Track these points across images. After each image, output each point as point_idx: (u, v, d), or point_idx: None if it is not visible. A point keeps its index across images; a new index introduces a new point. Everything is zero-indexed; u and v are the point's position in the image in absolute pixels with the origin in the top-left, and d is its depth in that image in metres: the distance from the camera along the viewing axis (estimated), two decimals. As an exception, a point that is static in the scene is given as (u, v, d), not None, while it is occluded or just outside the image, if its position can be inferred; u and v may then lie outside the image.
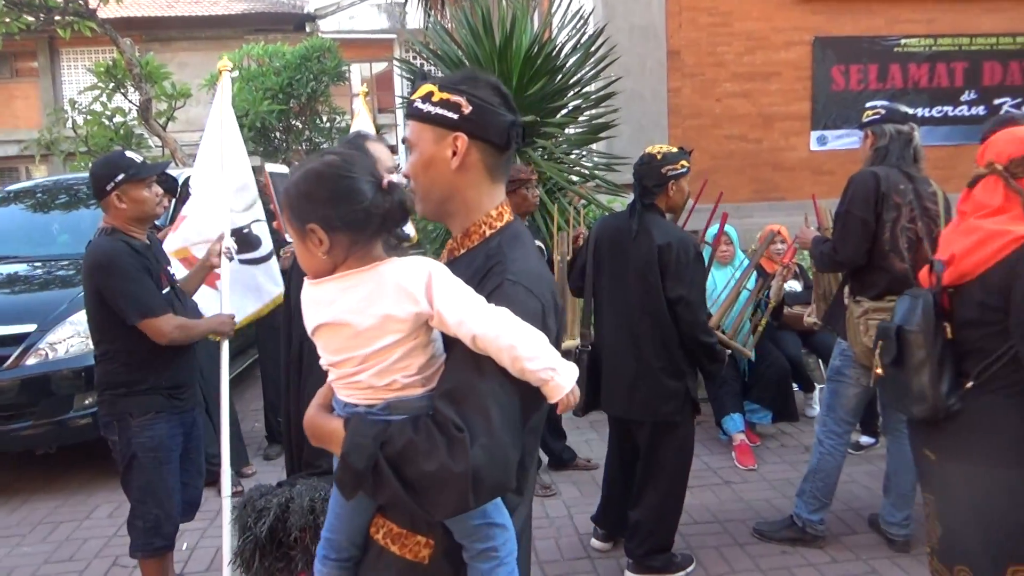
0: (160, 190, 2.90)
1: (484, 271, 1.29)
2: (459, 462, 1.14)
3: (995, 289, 1.87)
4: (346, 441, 1.21)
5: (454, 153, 1.31)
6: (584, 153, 6.14)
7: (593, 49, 5.64)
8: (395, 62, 6.60)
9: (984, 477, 1.90)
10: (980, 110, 7.12)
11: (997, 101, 7.15)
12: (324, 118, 12.87)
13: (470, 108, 1.29)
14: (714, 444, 4.59)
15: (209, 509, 3.54)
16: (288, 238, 3.96)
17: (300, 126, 12.68)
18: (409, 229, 4.11)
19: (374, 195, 1.22)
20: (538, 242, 4.00)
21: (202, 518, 3.43)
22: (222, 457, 3.00)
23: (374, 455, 1.17)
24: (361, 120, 3.80)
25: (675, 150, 3.08)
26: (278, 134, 12.45)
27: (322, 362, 1.32)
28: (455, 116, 1.29)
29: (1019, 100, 7.15)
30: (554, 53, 5.58)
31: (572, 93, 5.80)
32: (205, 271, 3.03)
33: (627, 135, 6.40)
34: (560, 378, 1.22)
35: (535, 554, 3.36)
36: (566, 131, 5.91)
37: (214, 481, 4.01)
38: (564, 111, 5.82)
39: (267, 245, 3.45)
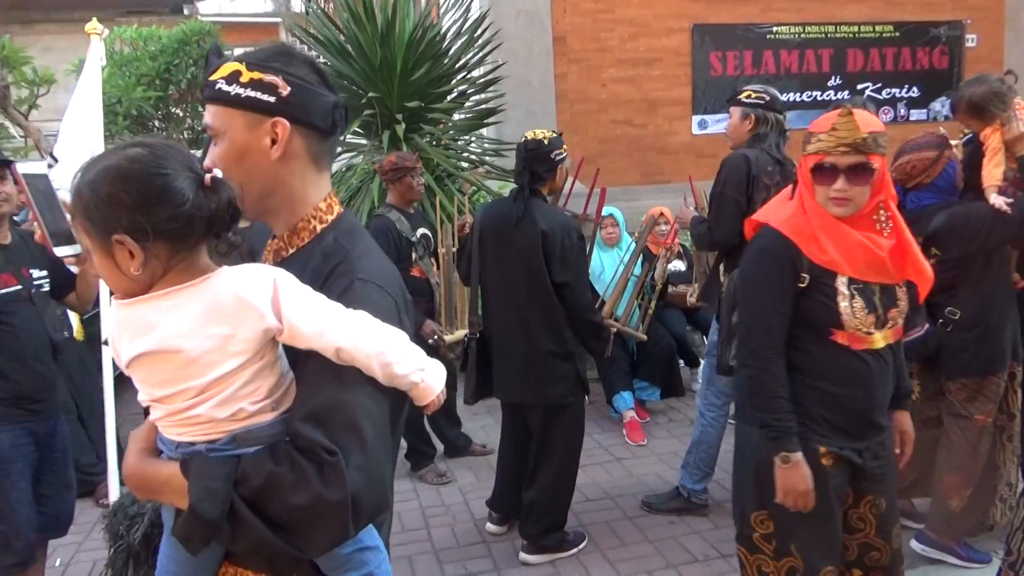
0: (11, 186, 2.67)
1: (326, 272, 1.15)
2: (336, 489, 1.01)
3: None
4: (192, 489, 1.02)
5: (274, 141, 1.15)
6: (472, 139, 6.13)
7: (478, 34, 5.63)
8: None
9: (738, 433, 2.08)
10: (845, 94, 7.55)
11: (860, 86, 7.61)
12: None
13: (288, 89, 1.14)
14: (605, 422, 4.70)
15: (85, 521, 3.35)
16: None
17: (181, 114, 12.08)
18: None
19: (195, 194, 1.03)
20: (425, 230, 3.98)
21: (77, 531, 3.23)
22: (109, 464, 2.83)
23: (228, 498, 1.01)
24: (97, 67, 3.56)
25: (554, 134, 3.12)
26: (157, 123, 11.83)
27: (141, 398, 1.12)
28: (272, 99, 1.14)
29: (879, 85, 7.63)
30: (438, 38, 5.53)
31: (458, 78, 5.77)
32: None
33: (516, 120, 6.43)
34: (430, 378, 1.14)
35: (431, 543, 3.36)
36: (453, 117, 5.87)
37: (90, 492, 3.81)
38: (450, 97, 5.78)
39: None
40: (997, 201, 2.56)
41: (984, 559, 2.88)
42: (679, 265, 5.10)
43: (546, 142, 3.06)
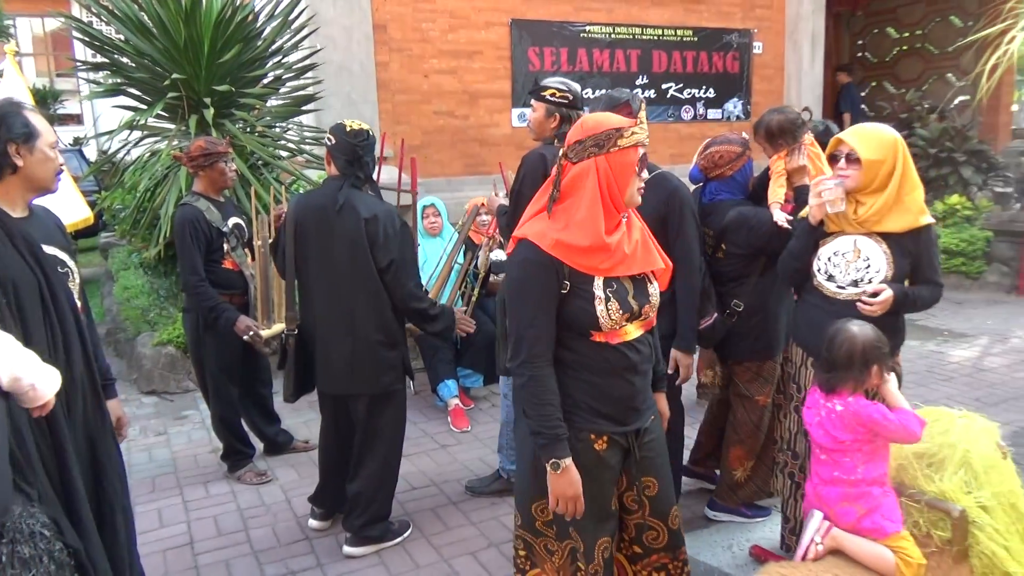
0: None
1: None
2: None
3: None
4: None
5: None
6: (290, 127, 5.92)
7: (293, 17, 5.43)
8: (69, 20, 5.78)
9: (516, 428, 2.13)
10: (651, 93, 8.08)
11: (664, 86, 8.16)
12: (-19, 80, 10.95)
13: None
14: (431, 411, 4.75)
15: None
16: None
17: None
18: (83, 207, 3.68)
19: None
20: (238, 220, 3.80)
21: None
22: None
23: None
24: (9, 83, 3.29)
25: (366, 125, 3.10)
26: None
27: None
28: None
29: (681, 85, 8.23)
30: (250, 18, 5.28)
31: (272, 63, 5.55)
32: None
33: (336, 108, 6.29)
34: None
35: (249, 545, 3.24)
36: (267, 103, 5.64)
37: None
38: (264, 81, 5.54)
39: None
40: (779, 217, 2.86)
41: (764, 513, 3.25)
42: (500, 254, 5.22)
43: (371, 132, 3.05)
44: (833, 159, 2.56)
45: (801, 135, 2.97)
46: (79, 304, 2.14)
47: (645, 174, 1.99)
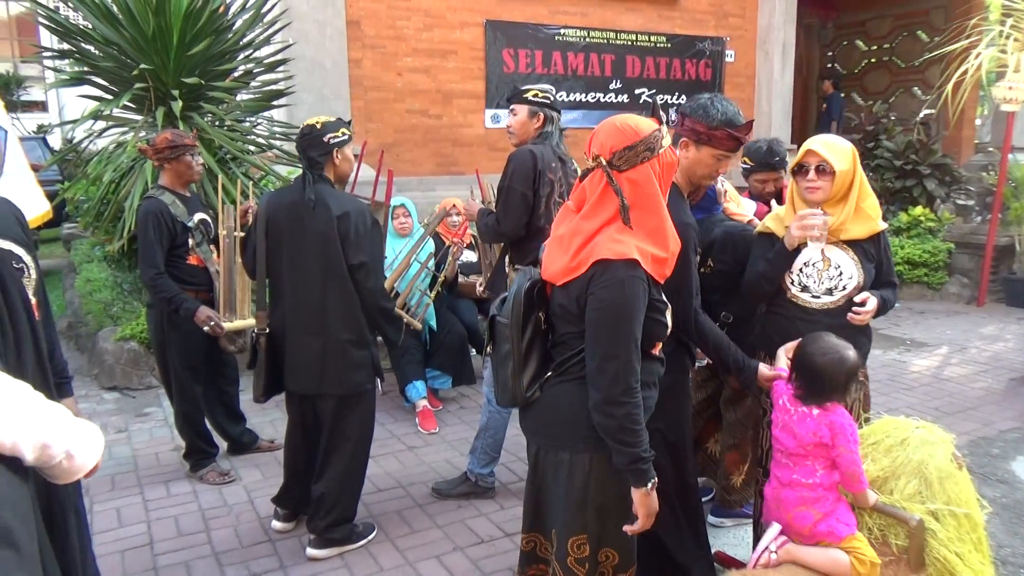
0: None
1: None
2: None
3: (571, 298, 1.89)
4: None
5: None
6: (260, 122, 5.84)
7: (265, 10, 5.37)
8: (34, 4, 5.64)
9: (551, 456, 1.98)
10: (624, 98, 8.13)
11: (637, 91, 8.21)
12: (-59, 64, 10.64)
13: None
14: (398, 412, 4.72)
15: None
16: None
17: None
18: (42, 201, 3.59)
19: None
20: (204, 215, 3.74)
21: None
22: None
23: None
24: None
25: (334, 119, 3.06)
26: None
27: None
28: None
29: (654, 91, 8.28)
30: (221, 9, 5.20)
31: (243, 56, 5.47)
32: None
33: (308, 104, 6.23)
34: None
35: (210, 546, 3.19)
36: (237, 97, 5.56)
37: None
38: (235, 75, 5.46)
39: None
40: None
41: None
42: (471, 256, 5.22)
43: (319, 126, 3.00)
44: (800, 170, 2.58)
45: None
46: (34, 300, 2.09)
47: None
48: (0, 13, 16.59)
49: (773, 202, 3.33)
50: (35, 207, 3.51)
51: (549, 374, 1.98)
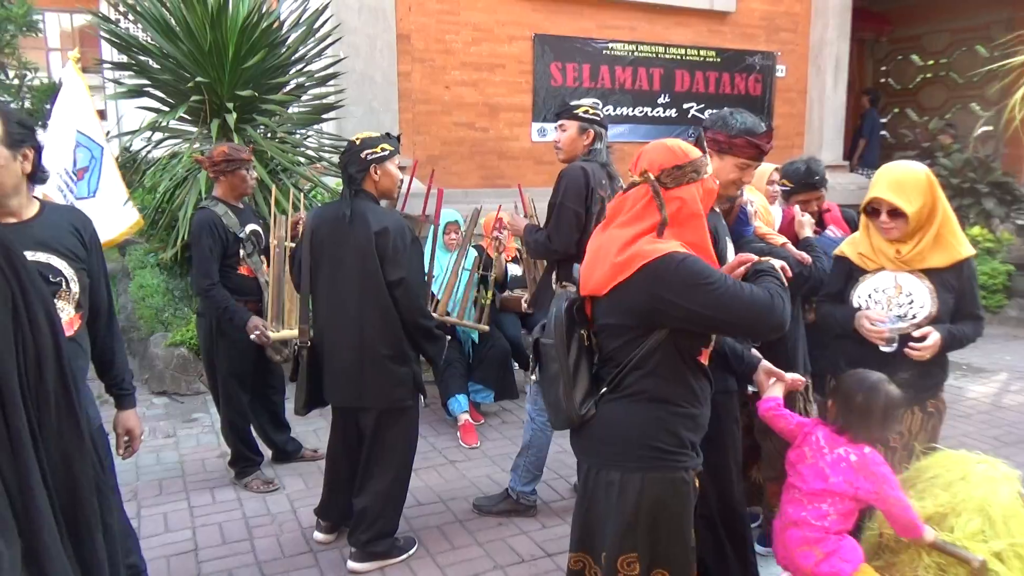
0: None
1: None
2: None
3: (623, 307, 1.90)
4: None
5: None
6: (311, 134, 5.94)
7: (318, 25, 5.45)
8: (96, 18, 5.82)
9: (604, 477, 1.97)
10: (672, 112, 8.06)
11: (685, 105, 8.14)
12: (12, 74, 11.03)
13: None
14: (440, 425, 4.72)
15: None
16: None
17: (-14, 75, 10.74)
18: (132, 213, 3.67)
19: None
20: (255, 227, 3.80)
21: None
22: None
23: None
24: (73, 93, 3.33)
25: (376, 134, 3.08)
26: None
27: None
28: None
29: (703, 105, 8.19)
30: (275, 25, 5.30)
31: (296, 70, 5.57)
32: None
33: (358, 117, 6.32)
34: None
35: (254, 555, 3.22)
36: (289, 110, 5.66)
37: None
38: (287, 88, 5.56)
39: None
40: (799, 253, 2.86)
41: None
42: (516, 269, 5.21)
43: (358, 142, 3.02)
44: (872, 211, 2.53)
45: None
46: (75, 314, 2.09)
47: None
48: (64, 25, 17.18)
49: (796, 208, 3.24)
50: (127, 219, 3.62)
51: (604, 391, 1.98)
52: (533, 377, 2.16)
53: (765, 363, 2.38)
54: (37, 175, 2.09)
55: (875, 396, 2.21)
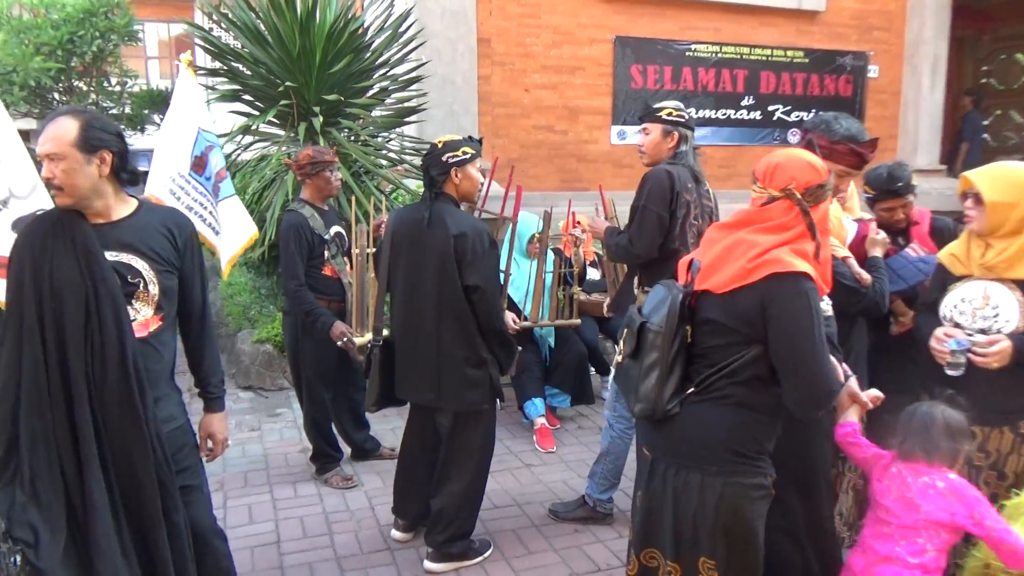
0: None
1: None
2: None
3: (737, 310, 1.90)
4: None
5: None
6: (392, 137, 6.03)
7: (402, 30, 5.54)
8: (191, 27, 6.08)
9: (681, 477, 1.97)
10: (757, 115, 7.85)
11: (771, 108, 7.91)
12: (114, 81, 11.64)
13: None
14: (516, 428, 4.71)
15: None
16: None
17: (84, 88, 11.37)
18: (250, 224, 3.80)
19: None
20: (340, 228, 3.88)
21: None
22: None
23: None
24: (190, 94, 3.48)
25: (458, 137, 3.09)
26: (57, 95, 11.10)
27: None
28: None
29: (789, 108, 7.95)
30: (360, 31, 5.42)
31: (379, 74, 5.67)
32: None
33: (438, 120, 6.38)
34: None
35: (333, 550, 3.28)
36: (372, 113, 5.77)
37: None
38: (371, 92, 5.67)
39: None
40: (863, 275, 2.72)
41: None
42: (595, 274, 5.16)
43: (440, 145, 3.03)
44: (964, 196, 2.42)
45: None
46: (151, 315, 2.09)
47: None
48: (162, 35, 18.03)
49: (872, 226, 3.06)
50: (247, 230, 3.72)
51: (691, 391, 1.97)
52: (618, 358, 2.17)
53: (851, 383, 2.27)
54: (123, 177, 2.10)
55: (932, 416, 2.15)
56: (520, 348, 3.26)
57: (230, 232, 3.65)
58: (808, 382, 1.84)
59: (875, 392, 2.23)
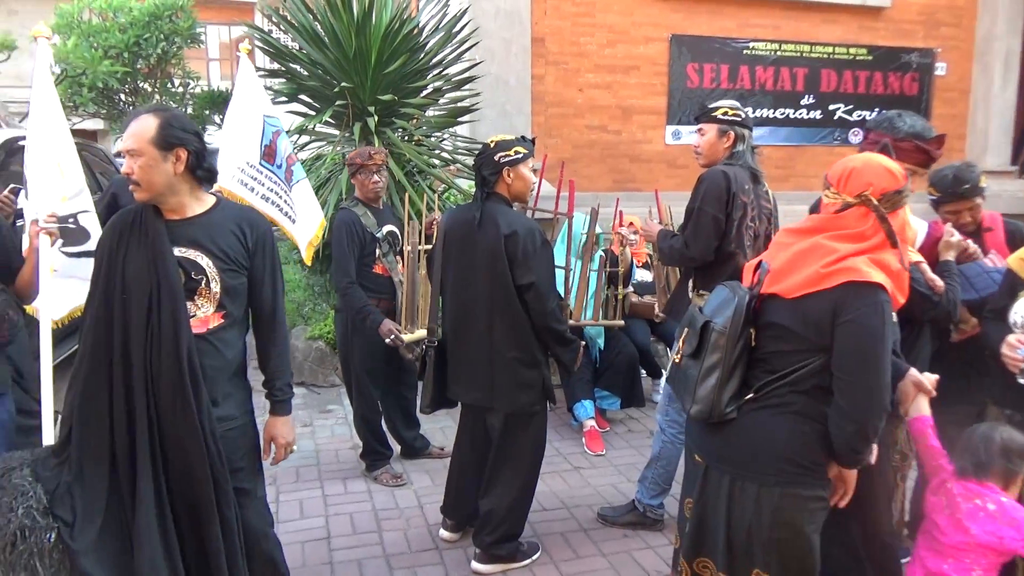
0: None
1: None
2: None
3: (807, 316, 1.86)
4: None
5: None
6: (445, 136, 6.06)
7: (456, 30, 5.56)
8: (251, 29, 6.21)
9: (737, 486, 1.93)
10: (817, 114, 7.64)
11: (832, 107, 7.69)
12: (177, 82, 11.99)
13: None
14: (565, 430, 4.68)
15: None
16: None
17: (149, 89, 11.74)
18: (318, 208, 3.85)
19: None
20: (392, 227, 3.90)
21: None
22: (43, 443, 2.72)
23: None
24: (251, 83, 3.53)
25: (510, 137, 3.07)
26: (123, 96, 11.49)
27: None
28: None
29: (851, 106, 7.73)
30: (415, 31, 5.45)
31: (434, 74, 5.70)
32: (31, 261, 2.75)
33: (491, 119, 6.38)
34: None
35: (382, 547, 3.30)
36: (426, 113, 5.80)
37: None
38: (425, 92, 5.70)
39: (94, 239, 3.14)
40: (936, 280, 2.59)
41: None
42: (646, 276, 5.09)
43: (492, 145, 3.02)
44: None
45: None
46: (213, 312, 2.11)
47: None
48: (223, 37, 18.49)
49: (948, 228, 2.90)
50: (318, 214, 3.77)
51: (749, 396, 1.93)
52: (675, 358, 2.13)
53: (914, 372, 2.22)
54: (199, 175, 2.15)
55: (991, 435, 2.09)
56: (583, 343, 3.21)
57: (305, 216, 3.69)
58: (865, 395, 1.80)
59: (934, 376, 2.21)
